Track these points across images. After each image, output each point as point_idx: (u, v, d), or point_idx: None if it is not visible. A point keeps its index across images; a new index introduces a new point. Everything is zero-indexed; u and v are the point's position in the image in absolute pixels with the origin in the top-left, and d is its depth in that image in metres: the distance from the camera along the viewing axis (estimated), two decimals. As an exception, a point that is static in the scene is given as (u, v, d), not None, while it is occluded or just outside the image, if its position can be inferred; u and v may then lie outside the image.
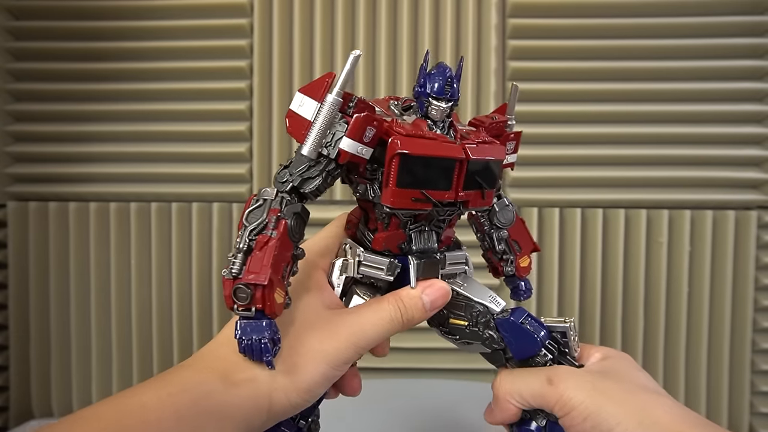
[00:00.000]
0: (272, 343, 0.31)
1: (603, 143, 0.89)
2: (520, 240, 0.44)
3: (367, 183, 0.36)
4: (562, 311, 0.89)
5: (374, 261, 0.37)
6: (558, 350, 0.39)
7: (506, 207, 0.43)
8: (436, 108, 0.35)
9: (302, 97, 0.33)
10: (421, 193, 0.34)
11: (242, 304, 0.30)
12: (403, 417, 0.64)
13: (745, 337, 0.89)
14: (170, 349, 0.92)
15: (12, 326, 0.93)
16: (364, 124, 0.33)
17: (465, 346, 0.41)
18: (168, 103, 0.91)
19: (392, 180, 0.33)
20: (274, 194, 0.33)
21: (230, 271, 0.30)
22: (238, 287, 0.30)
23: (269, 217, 0.31)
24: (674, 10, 0.87)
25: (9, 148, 0.92)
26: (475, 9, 0.89)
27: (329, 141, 0.33)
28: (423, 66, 0.36)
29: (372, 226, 0.38)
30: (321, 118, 0.32)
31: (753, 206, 0.88)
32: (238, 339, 0.31)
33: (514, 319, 0.39)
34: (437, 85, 0.35)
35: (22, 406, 0.94)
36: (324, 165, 0.33)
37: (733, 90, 0.88)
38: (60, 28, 0.91)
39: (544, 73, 0.89)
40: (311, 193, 0.33)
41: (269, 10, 0.89)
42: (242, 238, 0.31)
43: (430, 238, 0.38)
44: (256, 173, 0.91)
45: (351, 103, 0.34)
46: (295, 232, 0.32)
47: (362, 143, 0.33)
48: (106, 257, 0.92)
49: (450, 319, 0.40)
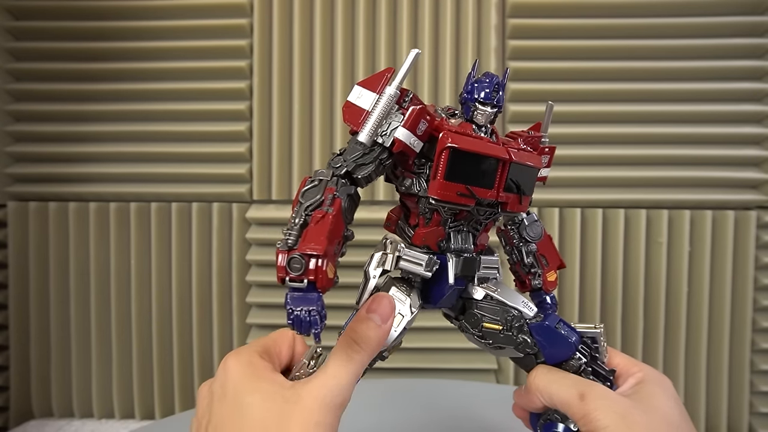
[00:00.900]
0: (320, 314, 0.31)
1: (603, 143, 0.89)
2: (547, 255, 0.45)
3: (413, 177, 0.37)
4: (562, 311, 0.89)
5: (414, 256, 0.38)
6: (590, 355, 0.40)
7: (535, 222, 0.45)
8: (482, 112, 0.37)
9: (360, 89, 0.35)
10: (466, 188, 0.35)
11: (295, 275, 0.30)
12: (404, 417, 0.64)
13: (745, 337, 0.89)
14: (170, 349, 0.92)
15: (12, 326, 0.93)
16: (419, 116, 0.35)
17: (496, 351, 0.42)
18: (168, 103, 0.91)
19: (441, 172, 0.35)
20: (330, 175, 0.34)
21: (286, 242, 0.31)
22: (293, 257, 0.30)
23: (326, 195, 0.33)
24: (674, 11, 0.87)
25: (9, 148, 0.92)
26: (474, 9, 0.89)
27: (385, 130, 0.35)
28: (471, 74, 0.38)
29: (413, 221, 0.39)
30: (379, 108, 0.34)
31: (752, 206, 0.89)
32: (288, 310, 0.30)
33: (549, 324, 0.39)
34: (485, 92, 0.37)
35: (22, 406, 0.94)
36: (378, 153, 0.35)
37: (733, 90, 0.88)
38: (60, 28, 0.91)
39: (543, 73, 0.89)
40: (363, 179, 0.35)
41: (269, 10, 0.89)
42: (298, 213, 0.32)
43: (467, 239, 0.40)
44: (256, 173, 0.91)
45: (407, 97, 0.36)
46: (348, 213, 0.34)
47: (415, 135, 0.35)
48: (106, 257, 0.92)
49: (484, 323, 0.40)
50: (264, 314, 0.91)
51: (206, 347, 0.92)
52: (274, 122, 0.90)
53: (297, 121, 0.90)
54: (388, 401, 0.67)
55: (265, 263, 0.91)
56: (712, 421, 0.90)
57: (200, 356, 0.92)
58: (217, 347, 0.92)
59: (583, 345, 0.40)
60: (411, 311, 0.38)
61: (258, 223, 0.91)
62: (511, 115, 0.89)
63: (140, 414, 0.93)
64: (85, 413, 0.94)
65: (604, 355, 0.41)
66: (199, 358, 0.92)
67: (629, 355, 0.42)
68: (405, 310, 0.38)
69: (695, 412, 0.89)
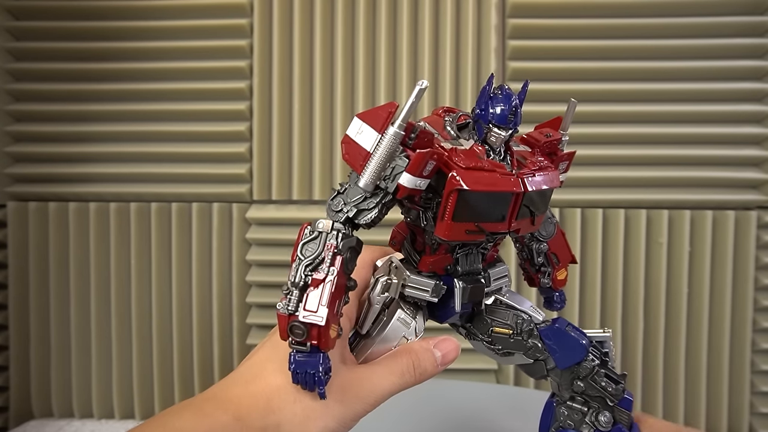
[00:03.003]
0: (324, 374, 0.31)
1: (603, 143, 0.89)
2: (558, 252, 0.44)
3: (419, 210, 0.35)
4: (562, 311, 0.89)
5: (419, 283, 0.37)
6: (601, 359, 0.40)
7: (548, 219, 0.43)
8: (496, 135, 0.34)
9: (361, 124, 0.32)
10: (476, 226, 0.33)
11: (298, 340, 0.30)
12: (404, 417, 0.64)
13: (745, 337, 0.89)
14: (170, 349, 0.92)
15: (12, 326, 0.93)
16: (426, 159, 0.32)
17: (505, 357, 0.41)
18: (168, 103, 0.91)
19: (448, 214, 0.32)
20: (330, 227, 0.32)
21: (286, 307, 0.30)
22: (295, 324, 0.30)
23: (326, 253, 0.31)
24: (674, 11, 0.87)
25: (9, 148, 0.92)
26: (474, 9, 0.89)
27: (388, 175, 0.32)
28: (485, 88, 0.34)
29: (419, 247, 0.38)
30: (381, 151, 0.31)
31: (753, 206, 0.88)
32: (293, 372, 0.31)
33: (559, 326, 0.39)
34: (500, 112, 0.33)
35: (22, 406, 0.94)
36: (381, 197, 0.32)
37: (733, 90, 0.88)
38: (60, 28, 0.91)
39: (543, 73, 0.89)
40: (365, 224, 0.33)
41: (269, 10, 0.89)
42: (297, 273, 0.31)
43: (476, 260, 0.38)
44: (256, 173, 0.91)
45: (413, 134, 0.32)
46: (349, 266, 0.32)
47: (421, 177, 0.32)
48: (106, 257, 0.92)
49: (494, 328, 0.40)
50: (264, 314, 0.91)
51: (206, 347, 0.92)
52: (274, 122, 0.90)
53: (297, 121, 0.90)
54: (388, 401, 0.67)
55: (265, 263, 0.91)
56: (713, 422, 0.89)
57: (200, 356, 0.92)
58: (217, 347, 0.92)
59: (593, 348, 0.40)
60: (416, 335, 0.38)
61: (258, 223, 0.91)
62: (511, 115, 0.89)
63: (140, 414, 0.93)
64: (85, 413, 0.94)
65: (613, 360, 0.40)
66: (199, 358, 0.92)
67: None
68: (410, 333, 0.38)
69: (695, 412, 0.89)
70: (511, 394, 0.43)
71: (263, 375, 0.33)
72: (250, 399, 0.32)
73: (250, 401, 0.32)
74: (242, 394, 0.32)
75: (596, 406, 0.39)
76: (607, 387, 0.38)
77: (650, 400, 0.89)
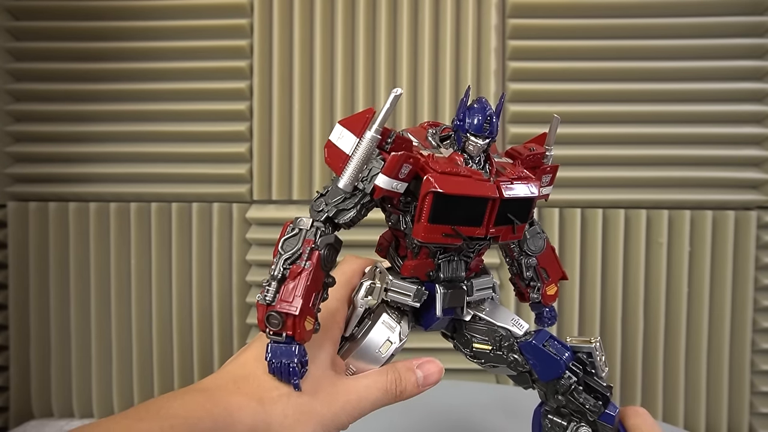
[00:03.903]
0: (300, 365, 0.32)
1: (603, 143, 0.89)
2: (548, 268, 0.44)
3: (399, 214, 0.37)
4: (562, 312, 0.89)
5: (402, 287, 0.38)
6: (583, 371, 0.39)
7: (537, 234, 0.43)
8: (473, 144, 0.36)
9: (342, 129, 0.34)
10: (452, 229, 0.34)
11: (274, 329, 0.32)
12: (403, 417, 0.64)
13: (745, 337, 0.89)
14: (170, 349, 0.92)
15: (12, 326, 0.93)
16: (400, 162, 0.33)
17: (491, 369, 0.42)
18: (168, 103, 0.91)
19: (424, 216, 0.34)
20: (309, 224, 0.34)
21: (264, 297, 0.32)
22: (271, 314, 0.32)
23: (303, 248, 0.33)
24: (674, 11, 0.87)
25: (9, 148, 0.92)
26: (474, 10, 0.89)
27: (365, 176, 0.34)
28: (463, 100, 0.36)
29: (402, 252, 0.39)
30: (359, 154, 0.33)
31: (753, 206, 0.88)
32: (269, 361, 0.32)
33: (536, 343, 0.39)
34: (476, 122, 0.35)
35: (22, 406, 0.94)
36: (359, 198, 0.34)
37: (733, 90, 0.88)
38: (60, 28, 0.91)
39: (543, 73, 0.89)
40: (345, 224, 0.35)
41: (269, 10, 0.89)
42: (277, 266, 0.33)
43: (458, 267, 0.39)
44: (256, 173, 0.91)
45: (389, 139, 0.34)
46: (327, 262, 0.34)
47: (397, 179, 0.34)
48: (106, 257, 0.92)
49: (474, 343, 0.40)
50: (264, 314, 0.91)
51: (206, 347, 0.92)
52: (274, 122, 0.90)
53: (297, 121, 0.90)
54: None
55: (266, 263, 0.91)
56: (713, 422, 0.89)
57: (200, 356, 0.92)
58: (217, 347, 0.92)
59: (576, 362, 0.39)
60: (400, 338, 0.39)
61: (258, 223, 0.91)
62: (511, 115, 0.89)
63: (140, 414, 0.93)
64: (85, 413, 0.94)
65: (601, 370, 0.40)
66: (199, 358, 0.92)
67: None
68: (394, 337, 0.38)
69: (695, 412, 0.89)
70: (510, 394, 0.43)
71: (256, 374, 0.34)
72: (242, 397, 0.32)
73: (241, 399, 0.32)
74: (234, 390, 0.33)
75: (578, 419, 0.40)
76: (586, 403, 0.38)
77: (650, 400, 0.89)
